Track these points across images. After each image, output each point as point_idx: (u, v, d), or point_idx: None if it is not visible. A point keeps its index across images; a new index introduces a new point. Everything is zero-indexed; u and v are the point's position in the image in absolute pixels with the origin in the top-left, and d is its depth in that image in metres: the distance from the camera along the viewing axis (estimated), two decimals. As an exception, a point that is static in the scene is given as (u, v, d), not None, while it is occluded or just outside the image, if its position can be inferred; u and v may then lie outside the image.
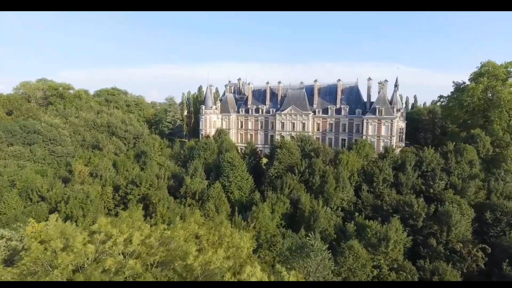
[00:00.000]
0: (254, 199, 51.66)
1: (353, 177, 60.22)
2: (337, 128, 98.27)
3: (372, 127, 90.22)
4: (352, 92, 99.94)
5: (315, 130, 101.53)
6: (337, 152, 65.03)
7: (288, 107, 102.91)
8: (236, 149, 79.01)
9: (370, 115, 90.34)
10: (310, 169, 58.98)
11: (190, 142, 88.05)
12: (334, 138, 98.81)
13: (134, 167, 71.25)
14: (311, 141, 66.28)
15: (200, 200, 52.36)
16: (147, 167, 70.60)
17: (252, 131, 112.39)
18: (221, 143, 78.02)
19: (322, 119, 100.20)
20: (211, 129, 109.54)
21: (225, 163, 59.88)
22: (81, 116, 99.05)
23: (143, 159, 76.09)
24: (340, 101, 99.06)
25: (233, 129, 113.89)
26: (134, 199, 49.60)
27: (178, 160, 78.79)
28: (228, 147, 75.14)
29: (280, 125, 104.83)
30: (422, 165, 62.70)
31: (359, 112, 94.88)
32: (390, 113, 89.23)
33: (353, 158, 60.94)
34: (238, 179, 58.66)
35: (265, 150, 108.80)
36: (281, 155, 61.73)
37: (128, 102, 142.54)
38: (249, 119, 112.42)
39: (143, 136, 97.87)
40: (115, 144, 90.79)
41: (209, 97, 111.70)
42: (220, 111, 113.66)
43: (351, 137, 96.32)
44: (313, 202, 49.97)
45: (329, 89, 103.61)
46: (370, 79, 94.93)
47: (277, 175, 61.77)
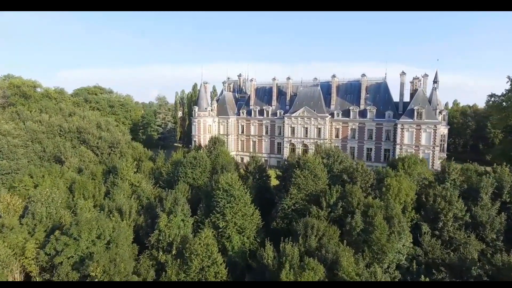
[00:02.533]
0: (264, 258, 32.50)
1: (406, 211, 41.21)
2: (361, 134, 79.13)
3: (408, 134, 71.06)
4: (379, 90, 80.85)
5: (333, 136, 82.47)
6: (377, 173, 45.81)
7: (299, 108, 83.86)
8: (236, 165, 60.08)
9: (406, 119, 71.17)
10: (345, 202, 39.88)
11: (178, 153, 68.94)
12: (358, 148, 79.69)
13: (96, 192, 52.15)
14: (342, 157, 47.00)
15: (179, 259, 33.36)
16: (114, 191, 51.65)
17: (255, 138, 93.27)
18: (215, 156, 58.96)
19: (342, 123, 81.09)
20: (206, 135, 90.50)
21: (220, 193, 40.80)
22: (44, 120, 79.94)
23: (112, 178, 57.04)
24: (365, 101, 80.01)
25: (232, 135, 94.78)
26: (68, 264, 30.49)
27: (160, 180, 59.73)
28: (224, 163, 56.02)
29: (290, 130, 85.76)
30: (502, 192, 43.72)
31: (389, 115, 75.80)
32: (433, 116, 70.12)
33: (406, 184, 41.85)
34: (238, 216, 39.75)
35: (270, 160, 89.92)
36: (300, 180, 42.75)
37: (111, 103, 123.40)
38: (252, 123, 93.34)
39: (120, 145, 78.74)
40: (83, 155, 71.70)
41: (203, 97, 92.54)
42: (216, 113, 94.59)
43: (380, 146, 77.23)
44: (359, 266, 30.88)
45: (350, 87, 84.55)
46: (404, 73, 75.78)
47: (295, 208, 42.75)
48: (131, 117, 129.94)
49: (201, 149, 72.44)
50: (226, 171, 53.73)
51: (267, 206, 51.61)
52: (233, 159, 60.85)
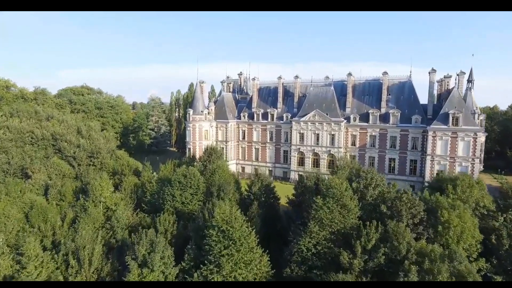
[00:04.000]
0: None
1: (471, 258, 29.91)
2: (382, 142, 67.72)
3: (442, 143, 59.61)
4: (403, 90, 69.43)
5: (349, 144, 71.08)
6: (425, 201, 34.31)
7: (310, 111, 72.49)
8: (237, 182, 48.47)
9: (438, 125, 59.74)
10: (388, 247, 28.57)
11: (167, 166, 57.55)
12: (378, 158, 68.26)
13: (58, 223, 40.77)
14: (377, 179, 35.35)
15: None
16: (81, 221, 40.40)
17: (258, 145, 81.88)
18: (211, 173, 47.48)
19: (359, 129, 69.69)
20: (202, 141, 79.19)
21: (214, 233, 29.40)
22: (12, 126, 68.63)
23: (81, 201, 45.72)
24: (386, 104, 68.62)
25: (232, 141, 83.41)
26: None
27: (143, 201, 48.41)
28: (222, 183, 44.47)
29: (298, 136, 74.39)
30: None
31: (417, 120, 64.42)
32: (472, 121, 58.74)
33: (470, 221, 30.51)
34: (240, 267, 28.49)
35: (275, 171, 78.61)
36: (323, 213, 31.48)
37: (99, 104, 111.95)
38: (254, 128, 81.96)
39: (101, 155, 67.37)
40: (55, 168, 60.39)
41: (199, 98, 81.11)
42: (214, 117, 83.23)
43: (404, 156, 65.83)
44: None
45: (368, 87, 73.14)
46: (434, 70, 64.29)
47: (317, 251, 31.46)
48: (122, 119, 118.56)
49: (195, 161, 61.13)
50: (224, 193, 42.47)
51: (276, 239, 40.41)
52: (233, 175, 49.43)
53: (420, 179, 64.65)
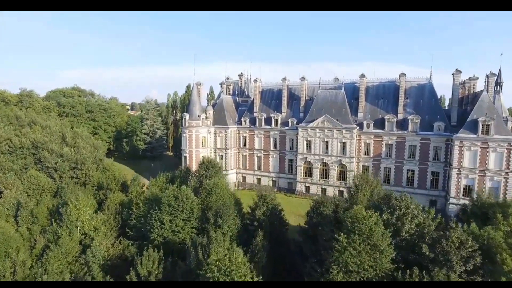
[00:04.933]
0: None
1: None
2: (399, 152, 60.72)
3: (470, 154, 52.57)
4: (422, 93, 62.42)
5: (361, 154, 64.08)
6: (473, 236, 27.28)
7: (318, 117, 65.52)
8: (238, 204, 41.19)
9: (466, 134, 52.71)
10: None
11: (158, 181, 50.55)
12: (395, 169, 61.25)
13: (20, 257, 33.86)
14: (413, 209, 27.96)
15: None
16: (49, 255, 33.54)
17: (260, 153, 74.86)
18: (207, 193, 40.29)
19: (374, 136, 62.68)
20: (199, 149, 72.19)
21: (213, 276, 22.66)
22: (-13, 133, 61.78)
23: (54, 227, 38.77)
24: (404, 108, 61.66)
25: (232, 149, 76.39)
26: None
27: (127, 226, 41.37)
28: (220, 206, 37.32)
29: (305, 144, 67.38)
30: None
31: (439, 127, 57.42)
32: (505, 130, 51.76)
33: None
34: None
35: (279, 181, 71.79)
36: (348, 255, 24.43)
37: (90, 107, 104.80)
38: (257, 134, 74.94)
39: (85, 166, 60.33)
40: (31, 182, 53.40)
41: (196, 101, 74.04)
42: (212, 122, 76.23)
43: (425, 167, 58.86)
44: None
45: (382, 89, 66.12)
46: (459, 71, 57.21)
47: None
48: (115, 123, 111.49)
49: (190, 174, 54.03)
50: (222, 220, 35.43)
51: (285, 275, 33.50)
52: (233, 195, 42.19)
53: (443, 194, 57.74)
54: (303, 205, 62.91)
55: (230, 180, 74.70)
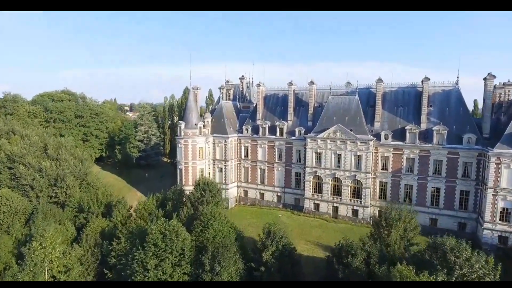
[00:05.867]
0: None
1: None
2: (423, 167, 53.48)
3: (509, 173, 45.27)
4: (448, 101, 55.20)
5: (378, 168, 56.86)
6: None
7: (329, 126, 58.33)
8: (240, 234, 33.76)
9: (504, 148, 45.41)
10: None
11: (147, 203, 43.35)
12: (418, 186, 54.03)
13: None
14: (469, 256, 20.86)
15: None
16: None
17: (264, 164, 67.61)
18: (203, 227, 33.08)
19: (393, 149, 55.45)
20: (196, 161, 65.00)
21: None
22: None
23: (14, 270, 31.58)
24: (427, 118, 54.46)
25: (232, 160, 69.14)
26: None
27: (105, 267, 34.16)
28: (219, 246, 30.14)
29: (314, 157, 60.18)
30: None
31: (470, 140, 50.18)
32: (551, 146, 44.41)
33: None
34: None
35: (285, 197, 64.67)
36: None
37: (80, 112, 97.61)
38: (260, 145, 67.70)
39: (66, 183, 53.08)
40: (2, 204, 46.20)
41: (193, 108, 66.79)
42: (211, 130, 68.98)
43: (453, 185, 51.63)
44: None
45: (402, 96, 58.89)
46: (493, 76, 49.91)
47: None
48: (108, 128, 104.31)
49: (184, 195, 46.75)
50: (220, 266, 28.17)
51: None
52: (235, 228, 34.93)
53: (473, 216, 50.56)
54: (313, 226, 55.82)
55: (230, 194, 67.63)
